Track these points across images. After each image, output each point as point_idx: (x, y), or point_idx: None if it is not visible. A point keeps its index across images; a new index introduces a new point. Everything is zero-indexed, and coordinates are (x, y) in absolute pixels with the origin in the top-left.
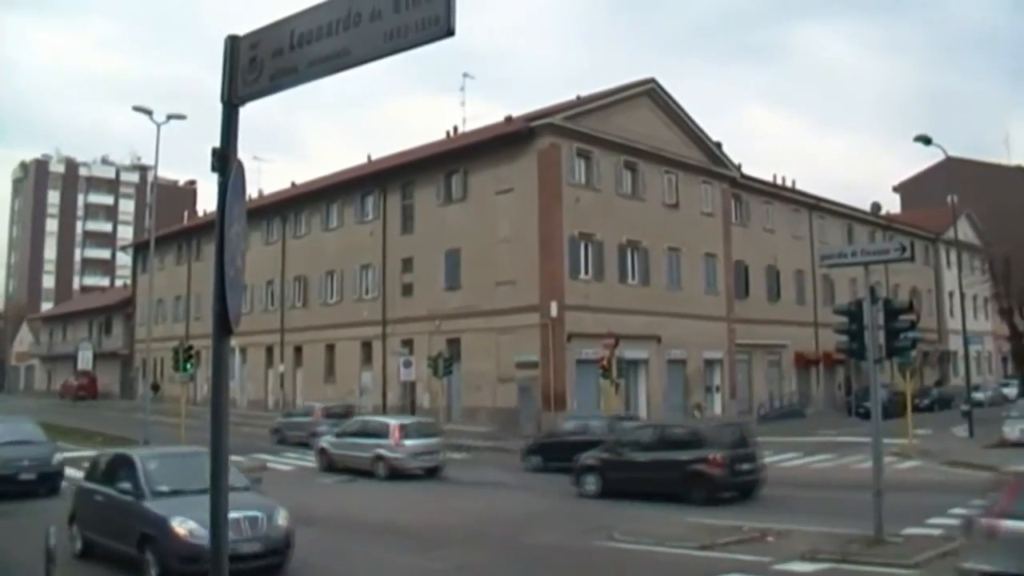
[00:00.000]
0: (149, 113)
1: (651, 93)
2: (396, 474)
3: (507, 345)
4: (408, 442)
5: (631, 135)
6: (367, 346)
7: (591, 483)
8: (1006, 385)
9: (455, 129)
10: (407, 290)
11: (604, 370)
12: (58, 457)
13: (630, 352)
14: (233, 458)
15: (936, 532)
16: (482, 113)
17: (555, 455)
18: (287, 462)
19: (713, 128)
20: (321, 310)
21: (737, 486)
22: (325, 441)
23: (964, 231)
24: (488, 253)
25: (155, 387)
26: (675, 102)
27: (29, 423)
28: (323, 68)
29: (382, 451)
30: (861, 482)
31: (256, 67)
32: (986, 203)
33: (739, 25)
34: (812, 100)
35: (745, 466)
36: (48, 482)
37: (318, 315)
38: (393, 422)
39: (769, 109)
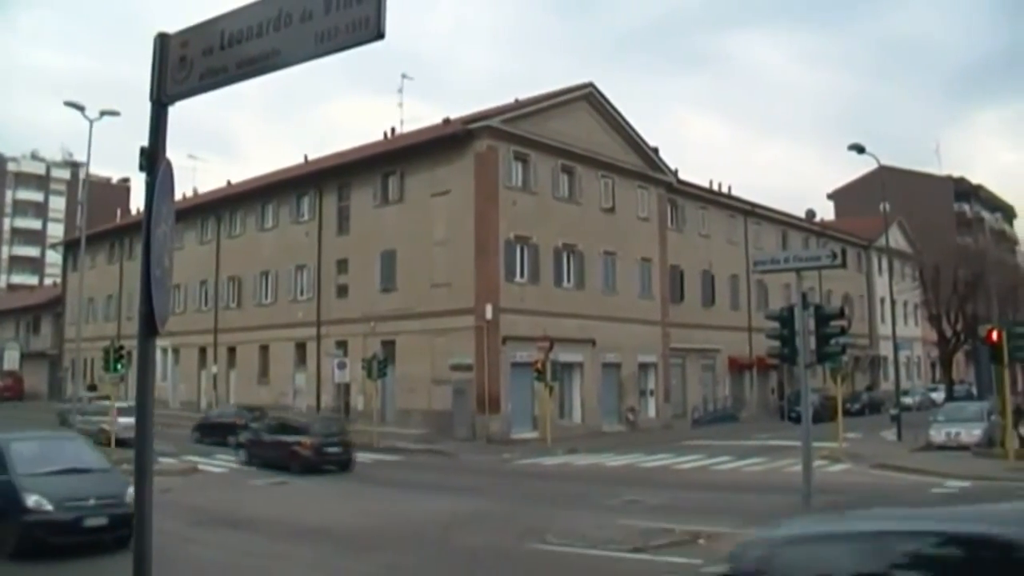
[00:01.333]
0: (81, 109)
1: (589, 98)
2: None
3: (442, 347)
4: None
5: (569, 139)
6: (301, 347)
7: (243, 455)
8: (934, 390)
9: (392, 131)
10: (342, 291)
11: (539, 373)
12: (131, 492)
13: (565, 355)
14: (163, 459)
15: None
16: (421, 115)
17: (212, 434)
18: (219, 464)
19: (650, 134)
20: (255, 311)
21: (329, 463)
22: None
23: (895, 239)
24: (424, 255)
25: (92, 387)
26: (613, 107)
27: (79, 440)
28: (253, 68)
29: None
30: (792, 485)
31: (186, 66)
32: (917, 211)
33: (677, 32)
34: (749, 108)
35: (333, 449)
36: (120, 528)
37: (252, 316)
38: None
39: (706, 116)
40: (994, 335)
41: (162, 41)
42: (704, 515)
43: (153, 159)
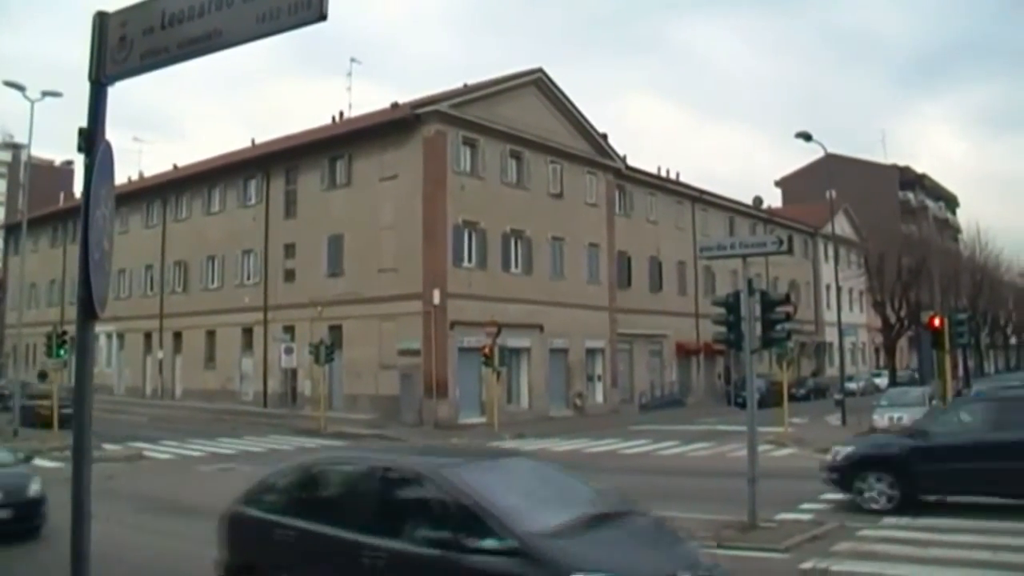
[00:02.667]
0: (22, 89)
1: (538, 83)
2: None
3: (389, 332)
4: None
5: (517, 124)
6: (248, 332)
7: None
8: (878, 375)
9: (341, 114)
10: (289, 276)
11: (486, 358)
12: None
13: (512, 340)
14: (107, 446)
15: (807, 517)
16: (370, 99)
17: None
18: (166, 450)
19: (599, 120)
20: (202, 295)
21: None
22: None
23: (841, 226)
24: (371, 240)
25: (43, 375)
26: (562, 93)
27: None
28: (195, 49)
29: None
30: (737, 470)
31: (126, 46)
32: (863, 199)
33: (628, 18)
34: (699, 95)
35: None
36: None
37: (198, 300)
38: None
39: (656, 102)
40: (936, 321)
41: (101, 20)
42: (650, 499)
43: (92, 140)
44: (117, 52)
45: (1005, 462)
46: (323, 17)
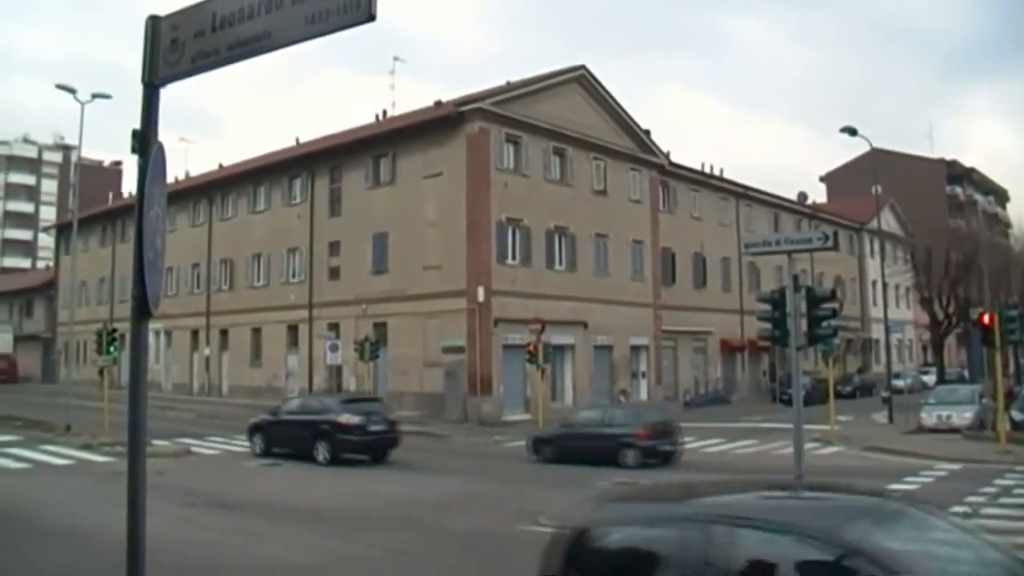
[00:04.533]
0: (73, 92)
1: (581, 80)
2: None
3: (434, 330)
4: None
5: (560, 121)
6: (293, 330)
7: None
8: (925, 373)
9: (384, 112)
10: (334, 273)
11: (531, 355)
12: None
13: (557, 338)
14: (156, 442)
15: None
16: (412, 96)
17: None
18: (212, 446)
19: (642, 116)
20: (247, 293)
21: None
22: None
23: (887, 221)
24: (416, 237)
25: (100, 371)
26: (605, 89)
27: None
28: (245, 51)
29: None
30: (783, 467)
31: (177, 48)
32: (909, 194)
33: (670, 12)
34: (742, 89)
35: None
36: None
37: (244, 298)
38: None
39: (699, 97)
40: (986, 318)
41: (153, 24)
42: None
43: (145, 142)
44: (169, 55)
45: None
46: (372, 17)
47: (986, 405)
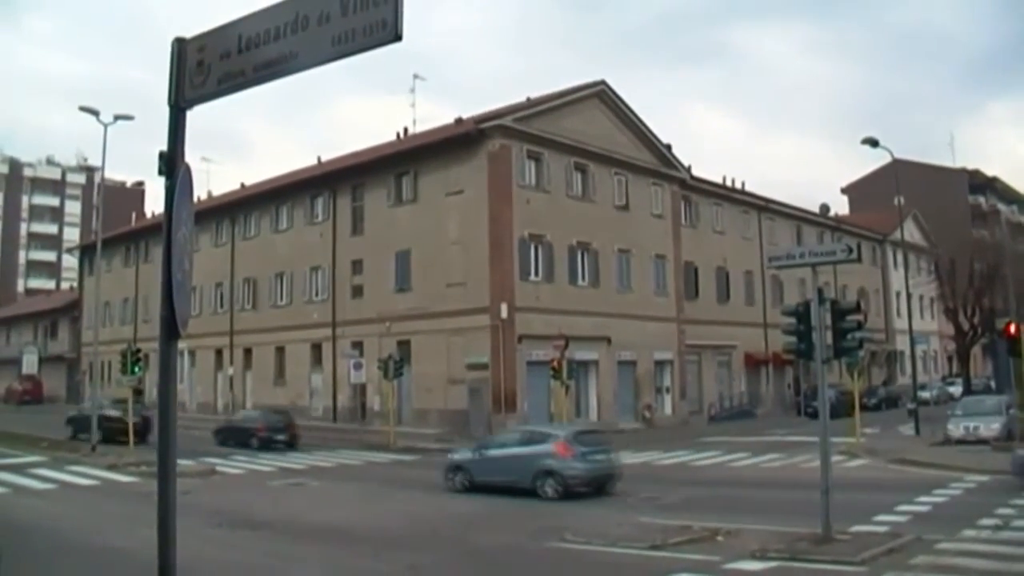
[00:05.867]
0: (96, 114)
1: (601, 95)
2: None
3: (457, 347)
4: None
5: (581, 137)
6: (317, 348)
7: None
8: (951, 384)
9: (405, 131)
10: (357, 292)
11: (555, 371)
12: None
13: (580, 353)
14: (182, 461)
15: (883, 529)
16: (433, 114)
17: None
18: (237, 466)
19: (663, 130)
20: (271, 312)
21: None
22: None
23: (911, 232)
24: (438, 255)
25: (138, 391)
26: (625, 104)
27: None
28: (271, 72)
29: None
30: (810, 481)
31: (203, 70)
32: (932, 205)
33: (686, 26)
34: (761, 102)
35: None
36: None
37: (268, 317)
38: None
39: (718, 111)
40: (1012, 328)
41: (179, 46)
42: (722, 512)
43: (172, 163)
44: (195, 76)
45: None
46: (398, 37)
47: (1014, 416)
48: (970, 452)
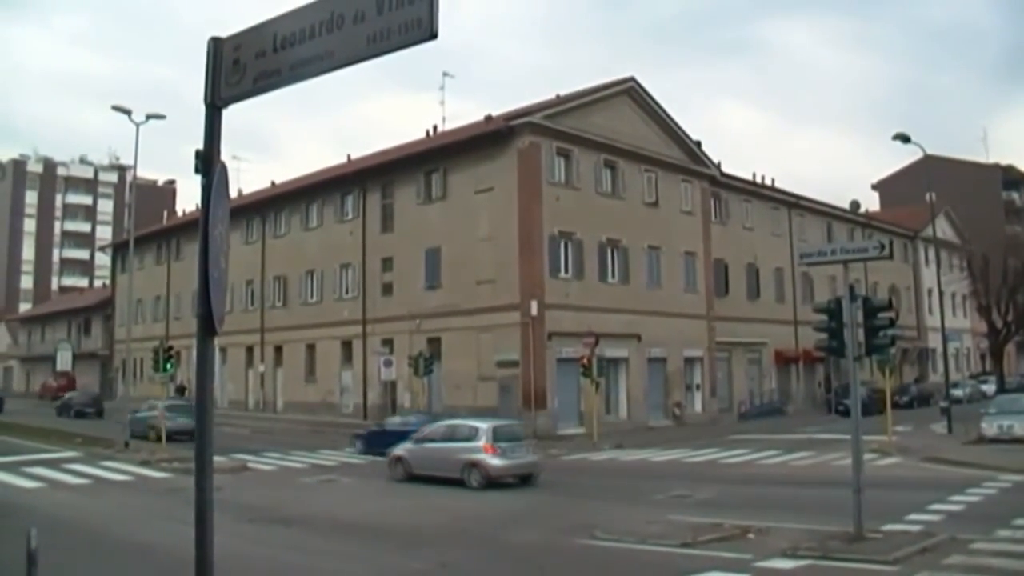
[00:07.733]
0: (128, 113)
1: (630, 92)
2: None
3: (487, 344)
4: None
5: (611, 134)
6: (347, 345)
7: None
8: (984, 382)
9: (435, 128)
10: (387, 289)
11: (584, 369)
12: None
13: (610, 351)
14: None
15: (915, 528)
16: (462, 112)
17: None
18: (269, 462)
19: (692, 126)
20: (301, 310)
21: None
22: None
23: (942, 229)
24: (468, 252)
25: (181, 389)
26: (654, 101)
27: None
28: (306, 71)
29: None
30: (841, 479)
31: (239, 69)
32: (964, 201)
33: (714, 21)
34: (791, 97)
35: None
36: None
37: (298, 315)
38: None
39: (747, 106)
40: None
41: (215, 45)
42: (753, 509)
43: (208, 162)
44: (231, 75)
45: None
46: (434, 35)
47: None
48: (1004, 451)
